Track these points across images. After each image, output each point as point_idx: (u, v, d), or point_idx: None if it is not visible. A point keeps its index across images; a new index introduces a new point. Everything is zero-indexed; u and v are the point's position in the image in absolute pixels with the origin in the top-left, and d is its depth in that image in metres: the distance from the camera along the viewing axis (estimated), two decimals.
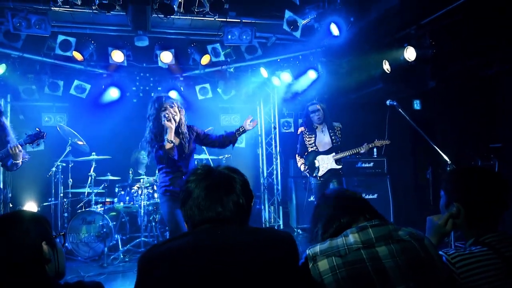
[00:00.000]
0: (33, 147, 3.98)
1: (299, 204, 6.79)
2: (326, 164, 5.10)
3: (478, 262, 1.44)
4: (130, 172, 6.06)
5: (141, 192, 5.64)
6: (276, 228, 6.81)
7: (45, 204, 6.08)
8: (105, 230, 5.24)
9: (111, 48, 5.53)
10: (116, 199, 5.92)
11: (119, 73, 6.42)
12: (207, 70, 6.45)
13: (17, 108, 6.67)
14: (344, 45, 5.24)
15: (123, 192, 5.91)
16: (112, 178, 5.96)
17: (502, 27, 4.54)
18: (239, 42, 5.21)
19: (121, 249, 5.40)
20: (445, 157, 3.42)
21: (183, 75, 6.70)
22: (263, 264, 1.28)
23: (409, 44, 4.89)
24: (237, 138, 3.85)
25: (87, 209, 5.60)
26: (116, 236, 5.49)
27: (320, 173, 5.08)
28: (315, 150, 5.18)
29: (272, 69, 6.46)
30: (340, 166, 5.07)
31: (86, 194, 5.87)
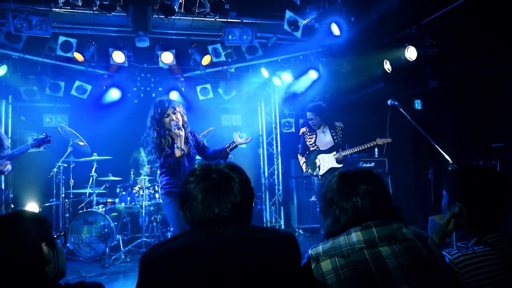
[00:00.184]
0: (39, 148, 4.12)
1: (300, 204, 6.80)
2: (327, 163, 5.10)
3: (480, 262, 1.44)
4: (132, 173, 6.06)
5: (142, 192, 5.65)
6: (278, 228, 6.81)
7: (46, 204, 6.08)
8: (106, 231, 5.25)
9: (112, 49, 5.53)
10: (117, 199, 5.92)
11: (120, 74, 6.43)
12: (208, 71, 6.44)
13: (18, 109, 6.68)
14: (345, 45, 5.24)
15: (124, 193, 5.92)
16: (114, 178, 5.96)
17: (502, 27, 4.53)
18: (239, 42, 5.21)
19: (122, 249, 5.41)
20: (446, 156, 3.41)
21: (184, 75, 6.70)
22: (263, 264, 1.28)
23: (410, 44, 4.88)
24: (228, 154, 3.86)
25: (89, 210, 5.61)
26: (117, 236, 5.50)
27: (321, 172, 5.08)
28: (316, 149, 5.18)
29: (273, 69, 6.46)
30: (341, 165, 5.07)
31: (87, 194, 5.88)
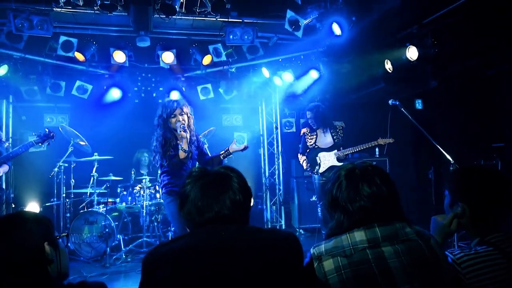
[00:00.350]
0: (43, 144, 4.14)
1: (301, 204, 6.80)
2: (327, 161, 5.09)
3: (483, 262, 1.44)
4: (132, 172, 6.06)
5: (143, 192, 5.65)
6: (279, 228, 6.81)
7: (47, 204, 6.08)
8: (107, 230, 5.24)
9: (113, 49, 5.52)
10: (118, 199, 5.92)
11: (120, 74, 6.43)
12: (208, 71, 6.45)
13: (19, 109, 6.68)
14: (345, 44, 5.23)
15: (125, 192, 5.92)
16: (114, 178, 5.96)
17: (502, 27, 4.52)
18: (240, 42, 5.21)
19: (123, 249, 5.41)
20: (448, 156, 3.41)
21: (185, 75, 6.70)
22: (263, 264, 1.28)
23: (411, 44, 4.88)
24: (222, 161, 3.90)
25: (89, 210, 5.61)
26: (118, 236, 5.50)
27: (321, 169, 5.07)
28: (317, 147, 5.18)
29: (273, 69, 6.45)
30: (341, 164, 5.05)
31: (88, 194, 5.87)
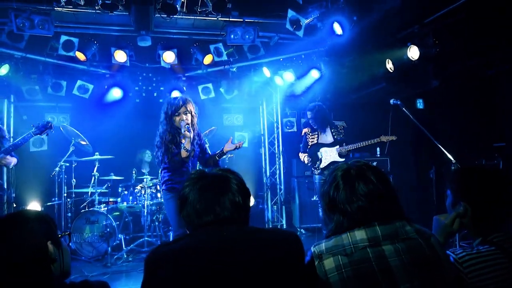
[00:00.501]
0: (42, 135, 4.16)
1: (302, 203, 6.80)
2: (329, 156, 5.08)
3: (485, 262, 1.44)
4: (133, 172, 6.06)
5: (144, 192, 5.65)
6: (280, 228, 6.81)
7: (48, 204, 6.08)
8: (108, 230, 5.25)
9: (114, 48, 5.53)
10: (119, 199, 5.92)
11: (121, 73, 6.43)
12: (209, 70, 6.44)
13: (20, 108, 6.68)
14: (347, 44, 5.23)
15: (126, 192, 5.92)
16: (115, 178, 5.97)
17: (502, 27, 4.51)
18: (241, 41, 5.21)
19: (124, 248, 5.41)
20: (449, 156, 3.41)
21: (186, 75, 6.70)
22: (263, 264, 1.28)
23: (413, 43, 4.86)
24: (217, 161, 3.94)
25: (91, 209, 5.62)
26: (119, 235, 5.50)
27: (322, 164, 5.06)
28: (319, 144, 5.17)
29: (274, 68, 6.45)
30: (343, 160, 5.03)
31: (89, 194, 5.88)
